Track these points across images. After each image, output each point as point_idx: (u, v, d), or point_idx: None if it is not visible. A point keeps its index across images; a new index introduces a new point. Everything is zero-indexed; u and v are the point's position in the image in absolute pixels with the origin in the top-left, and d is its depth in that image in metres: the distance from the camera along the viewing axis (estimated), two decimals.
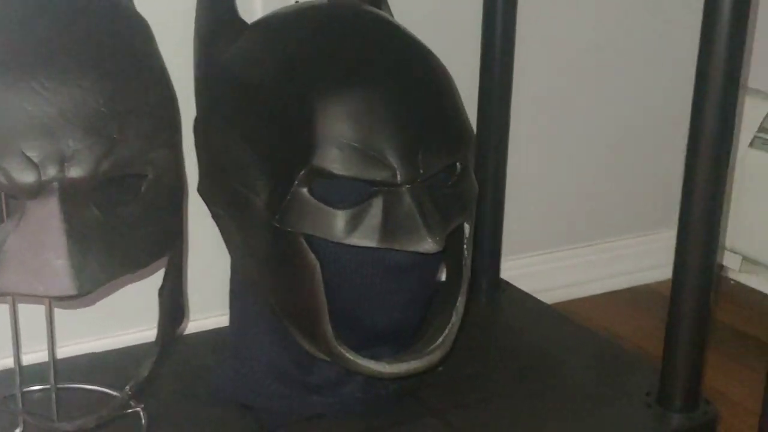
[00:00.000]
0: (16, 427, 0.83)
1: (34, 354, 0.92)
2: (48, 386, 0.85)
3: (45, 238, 0.62)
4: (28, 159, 0.62)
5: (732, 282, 1.39)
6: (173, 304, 0.75)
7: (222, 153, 0.84)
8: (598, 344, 1.07)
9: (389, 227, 0.78)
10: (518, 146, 1.20)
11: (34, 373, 0.89)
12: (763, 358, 1.17)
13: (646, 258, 1.36)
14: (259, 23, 0.87)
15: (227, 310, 0.94)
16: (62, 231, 0.62)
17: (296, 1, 1.01)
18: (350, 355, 0.82)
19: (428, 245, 0.77)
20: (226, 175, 0.84)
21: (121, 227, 0.67)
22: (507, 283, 1.21)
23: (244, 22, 0.88)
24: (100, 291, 0.68)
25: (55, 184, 0.63)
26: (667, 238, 1.39)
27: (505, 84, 1.13)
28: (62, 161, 0.63)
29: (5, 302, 0.82)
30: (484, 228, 1.18)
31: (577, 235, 1.33)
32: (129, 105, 0.66)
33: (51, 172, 0.63)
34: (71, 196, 0.63)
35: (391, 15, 0.95)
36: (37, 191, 0.63)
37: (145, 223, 0.69)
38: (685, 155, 0.85)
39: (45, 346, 0.84)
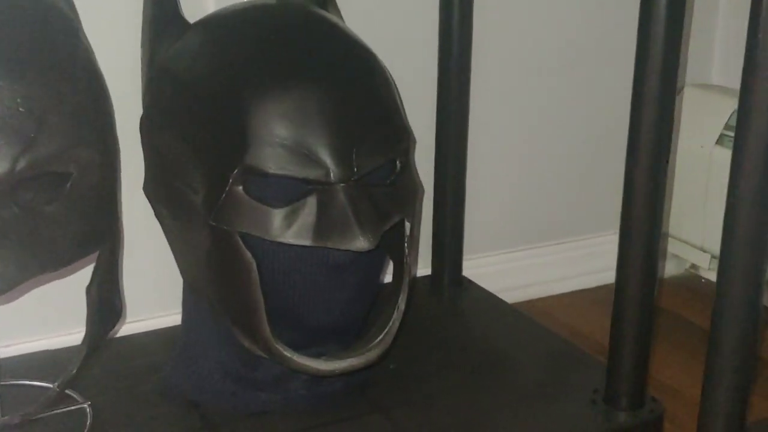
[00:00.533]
0: None
1: None
2: None
3: None
4: None
5: (702, 280, 1.39)
6: (102, 302, 0.76)
7: (163, 152, 0.85)
8: (551, 342, 1.07)
9: (323, 225, 0.78)
10: (481, 143, 1.20)
11: None
12: None
13: (609, 257, 1.35)
14: (199, 23, 0.88)
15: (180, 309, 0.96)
16: None
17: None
18: (287, 353, 0.82)
19: (360, 243, 0.78)
20: (167, 173, 0.85)
21: (42, 225, 0.68)
22: (469, 281, 1.22)
23: (186, 22, 0.89)
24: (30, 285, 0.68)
25: None
26: None
27: (464, 85, 1.13)
28: None
29: None
30: (446, 226, 1.18)
31: (542, 234, 1.33)
32: (48, 105, 0.67)
33: None
34: None
35: (340, 16, 0.95)
36: None
37: (69, 222, 0.70)
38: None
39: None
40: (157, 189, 0.88)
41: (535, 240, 1.33)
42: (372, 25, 1.10)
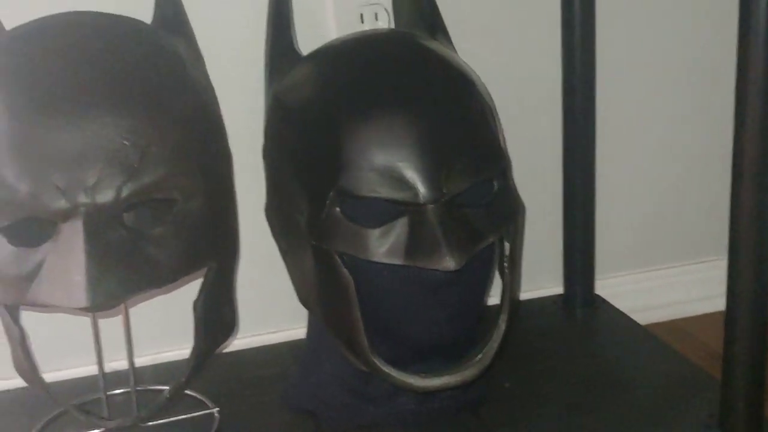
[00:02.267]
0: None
1: (119, 362, 1.02)
2: (128, 389, 0.95)
3: (70, 256, 0.71)
4: (57, 188, 0.71)
5: None
6: (210, 317, 0.82)
7: (276, 176, 0.91)
8: (676, 364, 1.04)
9: (413, 245, 0.81)
10: (609, 161, 1.19)
11: (119, 378, 0.98)
12: None
13: None
14: (309, 54, 0.93)
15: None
16: (83, 250, 0.70)
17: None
18: (385, 368, 0.86)
19: (447, 263, 0.80)
20: (279, 196, 0.91)
21: (148, 247, 0.74)
22: (602, 300, 1.20)
23: (299, 54, 0.95)
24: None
25: (82, 209, 0.71)
26: None
27: (589, 102, 1.12)
28: (87, 189, 0.71)
29: (49, 312, 0.91)
30: (576, 244, 1.18)
31: (682, 253, 1.29)
32: (150, 137, 0.74)
33: (77, 198, 0.71)
34: (96, 219, 0.72)
35: (450, 44, 0.98)
36: (67, 215, 0.72)
37: (174, 243, 0.76)
38: None
39: (125, 354, 0.94)
40: (272, 211, 0.94)
41: (675, 258, 1.29)
42: (494, 47, 1.12)
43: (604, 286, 1.23)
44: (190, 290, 0.85)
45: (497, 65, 1.06)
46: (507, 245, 0.88)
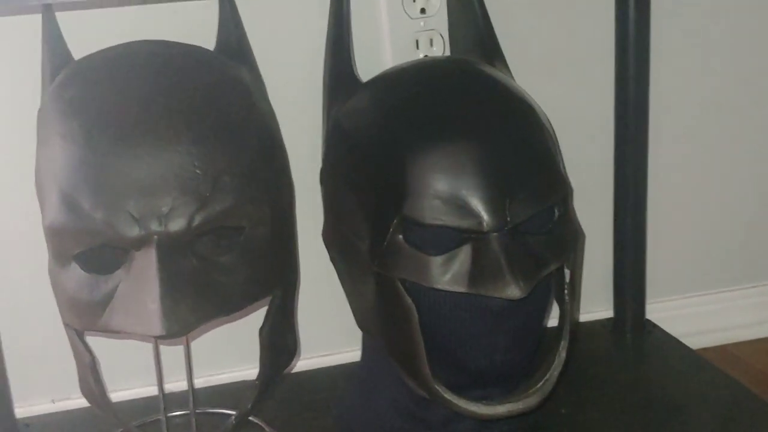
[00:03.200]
0: None
1: (175, 383, 1.03)
2: (188, 411, 0.96)
3: (144, 284, 0.72)
4: (132, 216, 0.72)
5: None
6: (275, 343, 0.83)
7: (335, 201, 0.92)
8: (732, 392, 1.03)
9: (477, 273, 0.81)
10: (661, 184, 1.19)
11: (178, 400, 0.99)
12: None
13: None
14: (370, 81, 0.94)
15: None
16: (157, 278, 0.71)
17: (425, 55, 1.07)
18: (447, 395, 0.86)
19: (512, 291, 0.80)
20: (338, 221, 0.91)
21: (217, 274, 0.75)
22: (653, 324, 1.20)
23: (359, 80, 0.95)
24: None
25: (155, 237, 0.72)
26: None
27: (642, 123, 1.12)
28: (160, 217, 0.72)
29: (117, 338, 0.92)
30: (627, 268, 1.17)
31: (733, 277, 1.28)
32: (221, 166, 0.75)
33: (151, 227, 0.72)
34: (169, 247, 0.73)
35: (508, 70, 0.98)
36: (140, 243, 0.73)
37: (242, 270, 0.77)
38: None
39: (185, 376, 0.95)
40: (330, 236, 0.94)
41: (726, 283, 1.28)
42: (545, 73, 1.13)
43: (653, 310, 1.22)
44: (245, 312, 0.85)
45: (551, 90, 1.06)
46: (567, 272, 0.88)
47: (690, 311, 1.27)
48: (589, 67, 1.15)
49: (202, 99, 0.77)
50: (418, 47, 1.08)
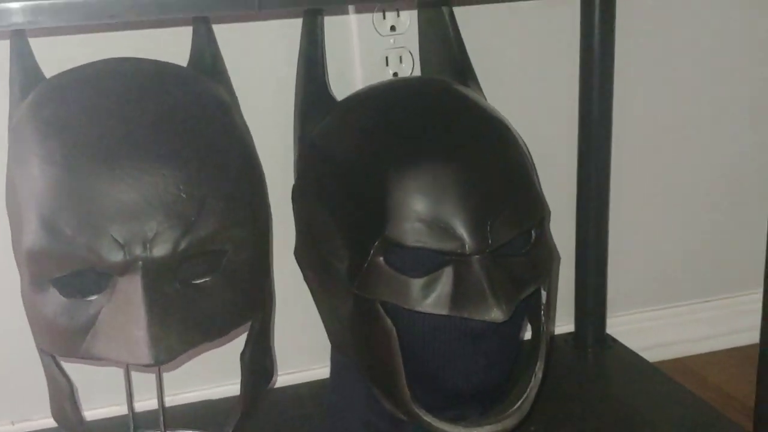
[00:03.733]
0: None
1: (149, 401, 1.01)
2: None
3: (129, 311, 0.70)
4: (116, 240, 0.70)
5: None
6: (255, 366, 0.82)
7: (312, 221, 0.91)
8: (695, 408, 1.05)
9: (459, 296, 0.81)
10: (627, 197, 1.21)
11: (147, 419, 0.97)
12: None
13: (757, 315, 1.32)
14: (346, 100, 0.94)
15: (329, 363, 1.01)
16: (143, 305, 0.70)
17: (395, 74, 1.07)
18: (427, 417, 0.86)
19: (495, 314, 0.80)
20: (315, 242, 0.91)
21: (201, 299, 0.74)
22: (613, 339, 1.21)
23: (333, 99, 0.95)
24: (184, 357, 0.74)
25: (140, 263, 0.71)
26: None
27: (605, 139, 1.14)
28: (145, 242, 0.71)
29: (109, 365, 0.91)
30: (588, 283, 1.19)
31: (687, 292, 1.31)
32: (206, 190, 0.73)
33: (135, 251, 0.71)
34: (154, 272, 0.71)
35: (480, 90, 0.99)
36: (124, 269, 0.71)
37: (225, 295, 0.76)
38: None
39: (155, 394, 0.93)
40: (305, 255, 0.94)
41: (680, 297, 1.31)
42: (510, 78, 1.13)
43: (611, 324, 1.24)
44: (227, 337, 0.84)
45: (515, 108, 1.06)
46: (543, 293, 0.89)
47: (646, 325, 1.30)
48: (552, 86, 1.16)
49: (184, 119, 0.75)
50: (387, 64, 1.07)
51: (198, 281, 0.75)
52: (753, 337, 1.32)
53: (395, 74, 1.08)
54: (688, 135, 1.25)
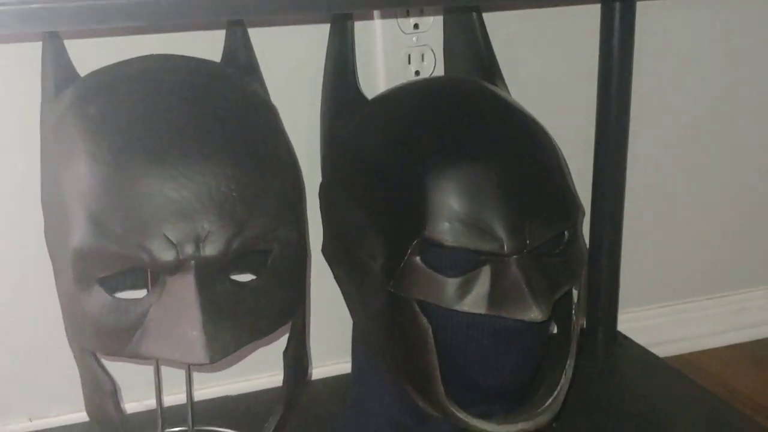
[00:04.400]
0: None
1: (174, 396, 1.01)
2: (186, 428, 0.94)
3: (182, 311, 0.70)
4: (168, 240, 0.70)
5: None
6: (296, 363, 0.82)
7: (343, 221, 0.91)
8: (708, 403, 1.07)
9: (497, 296, 0.82)
10: (636, 196, 1.22)
11: (175, 414, 0.97)
12: None
13: (762, 312, 1.35)
14: (377, 99, 0.94)
15: (349, 357, 1.01)
16: (197, 305, 0.70)
17: (417, 73, 1.08)
18: (461, 415, 0.86)
19: (534, 314, 0.81)
20: (346, 240, 0.91)
21: (248, 298, 0.74)
22: (624, 336, 1.23)
23: (365, 98, 0.95)
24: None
25: (192, 262, 0.70)
26: None
27: (622, 131, 1.15)
28: (198, 241, 0.70)
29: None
30: (601, 280, 1.20)
31: (698, 287, 1.33)
32: (257, 189, 0.73)
33: (188, 251, 0.70)
34: (205, 272, 0.71)
35: (507, 90, 0.99)
36: (176, 268, 0.71)
37: (271, 294, 0.76)
38: None
39: (184, 388, 0.93)
40: (335, 253, 0.94)
41: (687, 295, 1.33)
42: (527, 82, 1.14)
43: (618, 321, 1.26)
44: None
45: (532, 102, 1.07)
46: (575, 293, 0.90)
47: (651, 323, 1.32)
48: (571, 88, 1.17)
49: (234, 118, 0.75)
50: (410, 62, 1.08)
51: (245, 281, 0.75)
52: (754, 333, 1.35)
53: (417, 72, 1.08)
54: (702, 137, 1.27)
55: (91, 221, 0.71)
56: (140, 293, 0.75)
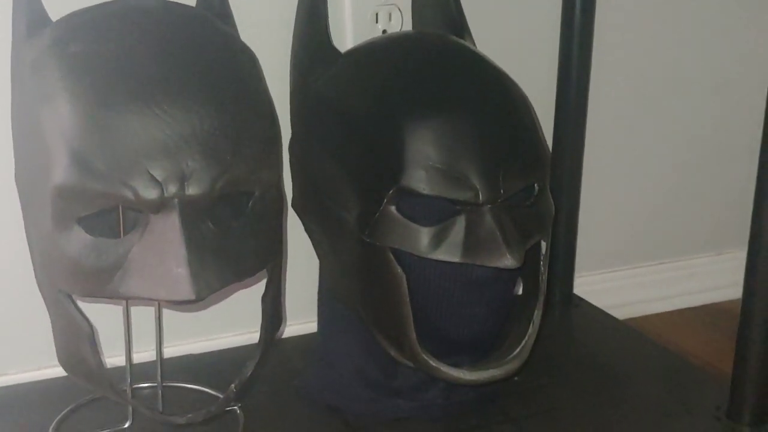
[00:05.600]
0: (126, 421, 0.91)
1: (144, 353, 1.00)
2: (155, 384, 0.93)
3: (167, 248, 0.70)
4: (153, 178, 0.69)
5: None
6: (274, 310, 0.82)
7: (316, 172, 0.91)
8: (668, 359, 1.11)
9: (471, 244, 0.83)
10: (593, 163, 1.24)
11: (143, 371, 0.96)
12: None
13: (718, 277, 1.39)
14: (352, 52, 0.94)
15: (315, 317, 1.02)
16: (182, 242, 0.69)
17: (384, 31, 1.08)
18: (433, 363, 0.88)
19: (508, 261, 0.83)
20: (319, 192, 0.91)
21: (231, 239, 0.74)
22: (580, 298, 1.26)
23: (338, 51, 0.95)
24: (209, 298, 0.74)
25: (176, 201, 0.70)
26: (740, 258, 1.42)
27: (581, 102, 1.18)
28: (182, 180, 0.70)
29: (119, 305, 0.90)
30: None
31: (650, 253, 1.36)
32: (240, 130, 0.73)
33: (172, 189, 0.70)
34: (189, 211, 0.71)
35: (474, 44, 1.01)
36: (160, 207, 0.70)
37: (251, 236, 0.76)
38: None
39: (153, 346, 0.92)
40: (307, 206, 0.94)
41: (639, 260, 1.36)
42: (491, 44, 1.16)
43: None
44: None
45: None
46: (543, 245, 0.92)
47: (604, 287, 1.35)
48: (532, 39, 1.19)
49: (215, 60, 0.75)
50: (377, 21, 1.08)
51: (227, 223, 0.75)
52: (702, 298, 1.39)
53: (384, 31, 1.09)
54: (657, 107, 1.30)
55: (74, 159, 0.70)
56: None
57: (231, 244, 0.74)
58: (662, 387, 1.04)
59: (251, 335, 1.11)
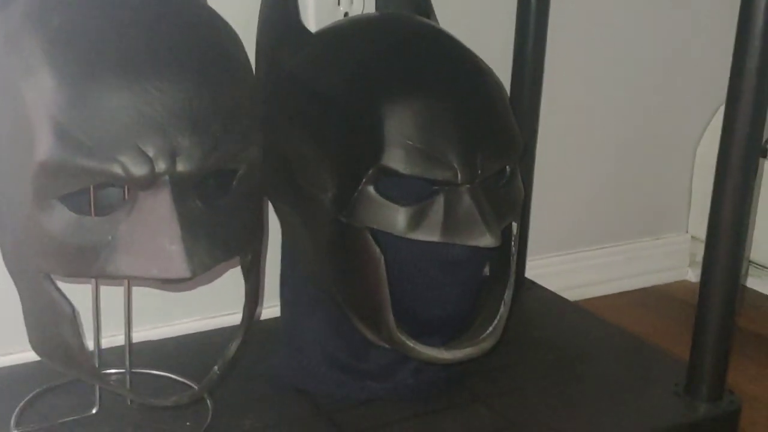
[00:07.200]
0: (93, 407, 0.89)
1: (109, 338, 0.98)
2: (123, 370, 0.91)
3: (159, 226, 0.68)
4: (143, 153, 0.68)
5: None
6: (255, 290, 0.81)
7: (288, 153, 0.90)
8: (623, 339, 1.14)
9: (450, 223, 0.84)
10: (544, 151, 1.27)
11: (112, 356, 0.94)
12: None
13: (661, 260, 1.43)
14: (324, 32, 0.94)
15: (277, 301, 1.01)
16: (175, 219, 0.68)
17: (346, 14, 1.08)
18: (410, 343, 0.88)
19: (488, 240, 0.84)
20: (291, 173, 0.90)
21: (220, 216, 0.73)
22: (532, 281, 1.28)
23: (308, 32, 0.94)
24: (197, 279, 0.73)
25: (166, 177, 0.68)
26: (678, 242, 1.47)
27: (535, 90, 1.20)
28: (173, 156, 0.68)
29: (88, 283, 0.87)
30: None
31: (596, 237, 1.40)
32: (229, 106, 0.72)
33: (163, 166, 0.68)
34: (180, 187, 0.69)
35: (438, 23, 1.01)
36: (150, 183, 0.68)
37: (238, 214, 0.75)
38: (694, 161, 0.92)
39: (120, 331, 0.90)
40: (278, 187, 0.93)
41: (582, 244, 1.40)
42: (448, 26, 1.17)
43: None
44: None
45: None
46: (515, 225, 0.93)
47: (549, 270, 1.37)
48: (488, 29, 1.21)
49: (202, 36, 0.73)
50: (339, 3, 1.08)
51: (214, 200, 0.74)
52: (641, 281, 1.44)
53: (346, 14, 1.09)
54: (602, 96, 1.33)
55: (59, 134, 0.67)
56: None
57: (219, 222, 0.73)
58: (621, 365, 1.07)
59: (211, 320, 1.10)
